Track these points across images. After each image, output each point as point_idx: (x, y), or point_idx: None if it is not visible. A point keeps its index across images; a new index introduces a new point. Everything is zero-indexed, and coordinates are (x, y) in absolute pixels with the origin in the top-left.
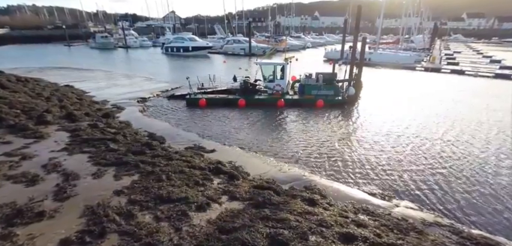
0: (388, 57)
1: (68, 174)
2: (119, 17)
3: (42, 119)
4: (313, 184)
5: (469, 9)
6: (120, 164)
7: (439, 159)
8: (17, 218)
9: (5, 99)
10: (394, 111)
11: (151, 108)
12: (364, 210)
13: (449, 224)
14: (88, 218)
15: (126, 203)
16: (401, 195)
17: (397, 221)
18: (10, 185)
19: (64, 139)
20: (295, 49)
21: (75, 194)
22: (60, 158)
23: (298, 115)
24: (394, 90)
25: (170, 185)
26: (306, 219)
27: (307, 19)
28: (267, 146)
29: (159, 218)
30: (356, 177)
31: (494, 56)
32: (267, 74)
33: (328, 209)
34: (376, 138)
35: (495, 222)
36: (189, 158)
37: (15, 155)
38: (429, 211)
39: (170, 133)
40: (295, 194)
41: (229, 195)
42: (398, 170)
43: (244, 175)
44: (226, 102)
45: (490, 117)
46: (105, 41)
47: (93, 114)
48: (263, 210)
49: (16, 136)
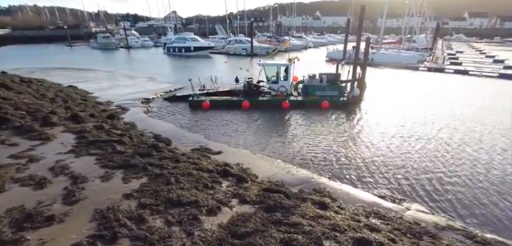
0: (390, 57)
1: (75, 177)
2: (120, 17)
3: (48, 121)
4: (323, 187)
5: (471, 8)
6: (128, 167)
7: (447, 161)
8: (27, 222)
9: (10, 100)
10: (400, 112)
11: (155, 109)
12: (375, 213)
13: (462, 227)
14: (98, 222)
15: (136, 207)
16: (411, 198)
17: (409, 224)
18: (18, 188)
19: (70, 141)
20: (296, 49)
21: (84, 197)
22: (67, 160)
23: (303, 116)
24: (398, 91)
25: (179, 188)
26: (319, 223)
27: (309, 19)
28: (273, 148)
29: (170, 222)
30: (365, 179)
31: (497, 55)
32: (270, 75)
33: (340, 213)
34: (383, 140)
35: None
36: (196, 160)
37: (22, 157)
38: (440, 214)
39: (175, 135)
40: (305, 197)
41: (239, 198)
42: (407, 172)
43: (253, 177)
44: (230, 104)
45: (501, 119)
46: (106, 41)
47: (98, 115)
48: (274, 214)
49: (22, 138)
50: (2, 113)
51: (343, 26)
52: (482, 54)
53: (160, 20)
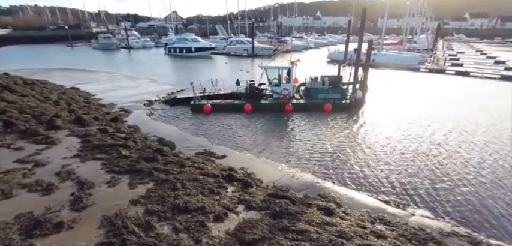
0: (391, 58)
1: (82, 182)
2: (121, 17)
3: (52, 124)
4: (327, 192)
5: (472, 8)
6: (134, 172)
7: (451, 166)
8: (36, 229)
9: (15, 103)
10: (402, 115)
11: (157, 112)
12: (380, 219)
13: (467, 233)
14: (107, 229)
15: (143, 213)
16: (415, 203)
17: (414, 231)
18: (25, 194)
19: (75, 145)
20: (297, 49)
21: (91, 203)
22: (73, 165)
23: (306, 119)
24: (400, 93)
25: (186, 194)
26: (325, 230)
27: (309, 19)
28: (277, 152)
29: (178, 229)
30: (369, 183)
31: (499, 56)
32: (272, 78)
33: (345, 219)
34: (386, 143)
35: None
36: (201, 165)
37: (28, 161)
38: (445, 220)
39: (179, 138)
40: (311, 203)
41: (245, 204)
42: (410, 176)
43: (258, 182)
44: (232, 108)
45: (506, 123)
46: (107, 42)
47: (102, 118)
48: (281, 220)
49: (27, 142)
50: (7, 116)
51: (343, 26)
52: (483, 55)
53: (161, 20)
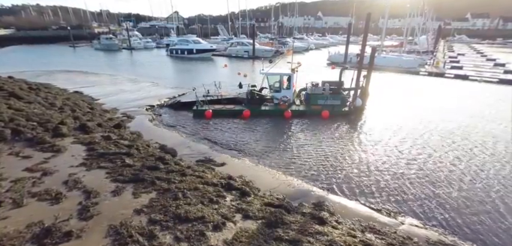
0: (391, 60)
1: (88, 191)
2: (123, 17)
3: (58, 132)
4: (322, 200)
5: (474, 9)
6: (137, 181)
7: (446, 176)
8: (47, 238)
9: (22, 111)
10: (400, 122)
11: (159, 117)
12: (371, 228)
13: (452, 241)
14: (113, 239)
15: (147, 223)
16: (406, 212)
17: (402, 240)
18: (35, 203)
19: (80, 153)
20: (298, 51)
21: (97, 212)
22: (79, 173)
23: (304, 126)
24: (399, 99)
25: (186, 203)
26: (317, 240)
27: (310, 19)
28: (275, 159)
29: (179, 238)
30: (362, 191)
31: (498, 58)
32: (273, 83)
33: (337, 228)
34: (382, 152)
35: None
36: (201, 174)
37: (36, 170)
38: (433, 229)
39: (180, 144)
40: (305, 212)
41: (242, 213)
42: (404, 185)
43: (255, 191)
44: (232, 114)
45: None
46: (109, 43)
47: (105, 124)
48: (276, 230)
49: (35, 150)
50: (15, 124)
51: (344, 26)
52: (483, 57)
53: (162, 20)
